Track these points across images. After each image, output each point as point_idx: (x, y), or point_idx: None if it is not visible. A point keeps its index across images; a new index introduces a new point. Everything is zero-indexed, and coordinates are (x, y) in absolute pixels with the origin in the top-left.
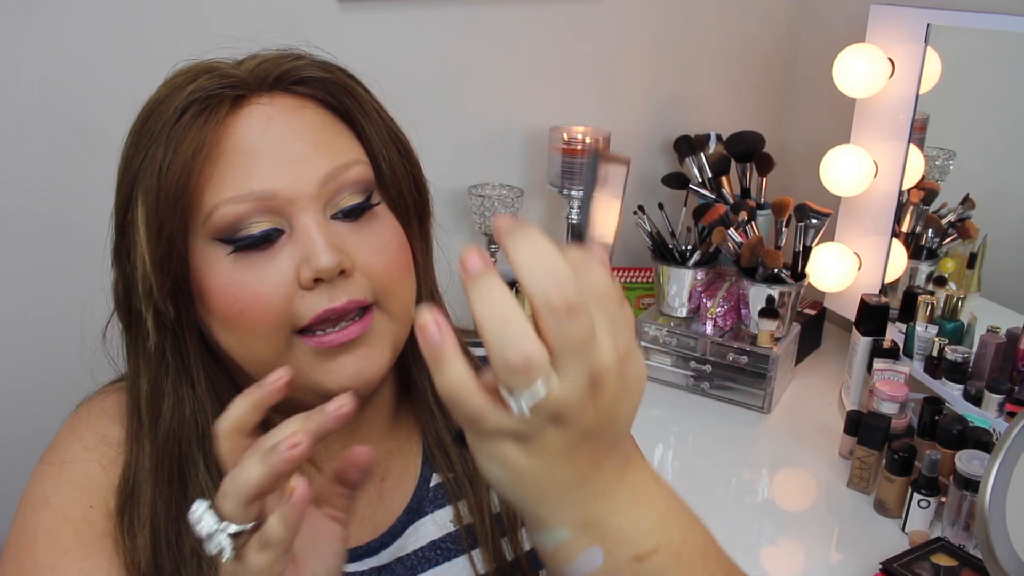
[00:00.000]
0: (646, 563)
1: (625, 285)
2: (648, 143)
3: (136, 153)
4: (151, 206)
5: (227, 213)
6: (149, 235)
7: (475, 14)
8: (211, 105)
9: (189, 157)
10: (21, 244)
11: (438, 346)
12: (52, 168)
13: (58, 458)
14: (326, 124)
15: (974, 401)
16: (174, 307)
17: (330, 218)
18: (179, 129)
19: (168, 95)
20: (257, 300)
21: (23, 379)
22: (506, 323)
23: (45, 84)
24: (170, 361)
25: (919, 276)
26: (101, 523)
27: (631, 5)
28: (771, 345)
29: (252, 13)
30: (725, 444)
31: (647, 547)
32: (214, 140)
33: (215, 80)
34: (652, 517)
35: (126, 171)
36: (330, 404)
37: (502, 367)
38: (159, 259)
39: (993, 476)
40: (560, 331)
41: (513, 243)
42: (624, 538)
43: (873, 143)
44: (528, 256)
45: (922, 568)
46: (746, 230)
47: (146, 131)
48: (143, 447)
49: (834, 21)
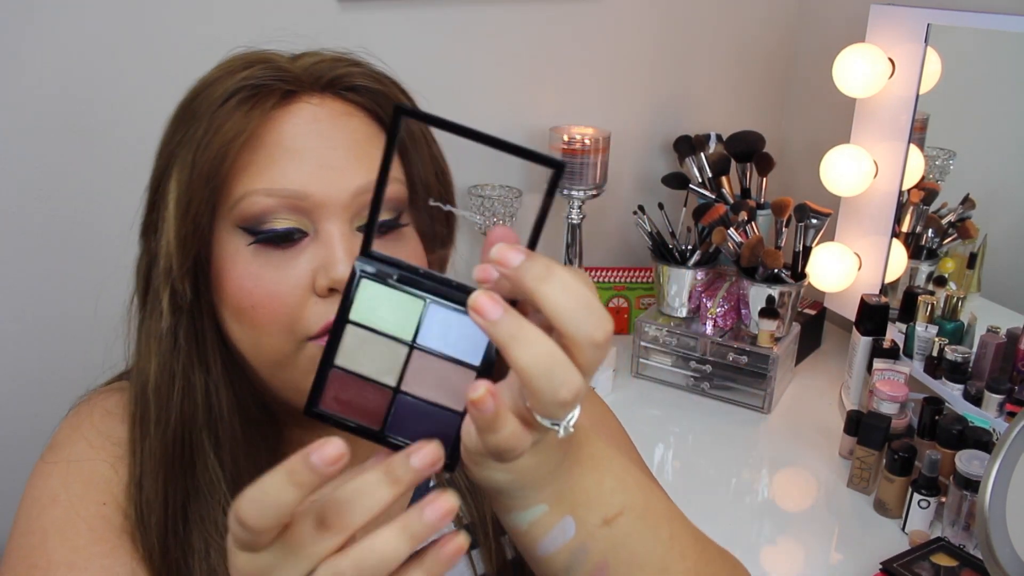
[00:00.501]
0: (614, 527)
1: (625, 285)
2: (648, 143)
3: (178, 129)
4: (183, 182)
5: (255, 203)
6: (177, 211)
7: (475, 14)
8: (260, 95)
9: (228, 140)
10: (21, 244)
11: (494, 414)
12: (53, 168)
13: (63, 456)
14: (370, 136)
15: (974, 401)
16: (192, 290)
17: (356, 229)
18: (224, 112)
19: (219, 77)
20: (270, 297)
21: (23, 379)
22: (553, 365)
23: (47, 84)
24: (183, 346)
25: (919, 276)
26: (117, 519)
27: (631, 5)
28: (771, 345)
29: (252, 13)
30: (725, 444)
31: (613, 509)
32: (256, 130)
33: (269, 71)
34: (612, 480)
35: (165, 146)
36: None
37: (552, 405)
38: (183, 236)
39: (993, 476)
40: (596, 360)
41: (541, 283)
42: (591, 502)
43: (873, 143)
44: (564, 296)
45: (922, 568)
46: (746, 230)
47: (192, 109)
48: (149, 434)
49: (834, 21)
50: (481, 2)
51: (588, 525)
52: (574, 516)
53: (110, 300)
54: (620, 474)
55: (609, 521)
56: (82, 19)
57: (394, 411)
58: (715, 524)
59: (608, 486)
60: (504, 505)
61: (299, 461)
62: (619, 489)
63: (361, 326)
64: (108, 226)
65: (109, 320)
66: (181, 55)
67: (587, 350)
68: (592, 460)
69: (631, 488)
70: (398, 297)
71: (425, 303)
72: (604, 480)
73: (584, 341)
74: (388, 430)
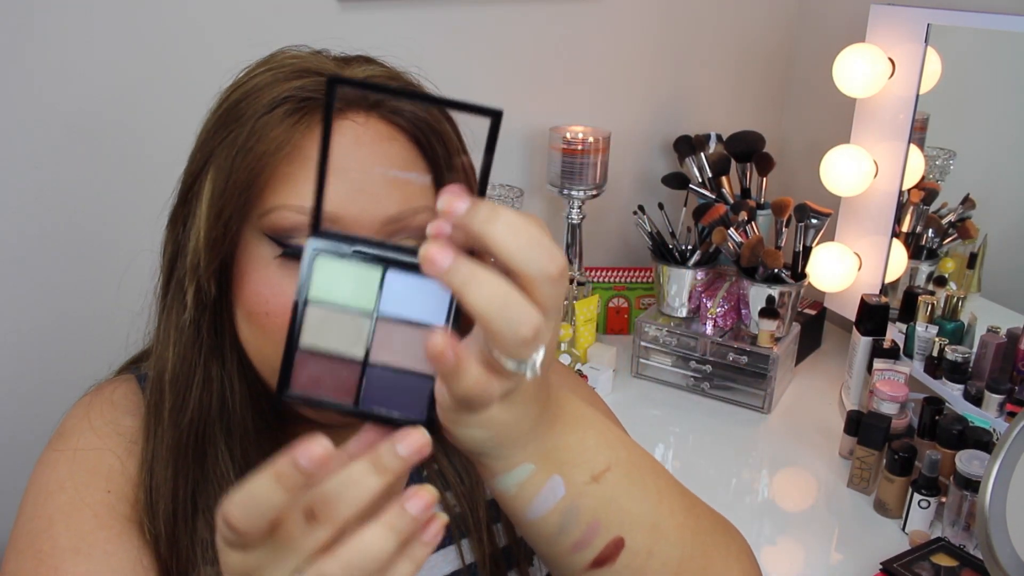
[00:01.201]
0: (603, 483)
1: (625, 285)
2: (648, 143)
3: (220, 128)
4: (219, 187)
5: (286, 218)
6: (210, 214)
7: (475, 14)
8: (307, 108)
9: (271, 151)
10: (22, 245)
11: (456, 361)
12: (53, 169)
13: (70, 445)
14: (408, 162)
15: (974, 401)
16: (216, 287)
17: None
18: (269, 121)
19: (268, 84)
20: (285, 309)
21: (23, 380)
22: (509, 303)
23: (47, 87)
24: (205, 339)
25: (919, 276)
26: (122, 508)
27: (631, 5)
28: (771, 345)
29: (252, 14)
30: (725, 444)
31: (600, 466)
32: (299, 143)
33: (319, 85)
34: (595, 436)
35: (205, 143)
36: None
37: (513, 343)
38: (213, 239)
39: (993, 476)
40: (554, 295)
41: (487, 224)
42: (576, 459)
43: (873, 143)
44: (511, 234)
45: (922, 568)
46: (746, 230)
47: (236, 111)
48: (162, 422)
49: (834, 21)
50: (481, 2)
51: (577, 483)
52: (561, 475)
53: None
54: (602, 430)
55: (597, 477)
56: (86, 22)
57: (366, 383)
58: None
59: (591, 442)
60: (490, 468)
61: (286, 463)
62: (603, 445)
63: (322, 303)
64: (110, 229)
65: (108, 320)
66: (182, 55)
67: (542, 285)
68: (573, 418)
69: (615, 444)
70: (355, 269)
71: (383, 270)
72: (587, 437)
73: (537, 275)
74: (363, 403)
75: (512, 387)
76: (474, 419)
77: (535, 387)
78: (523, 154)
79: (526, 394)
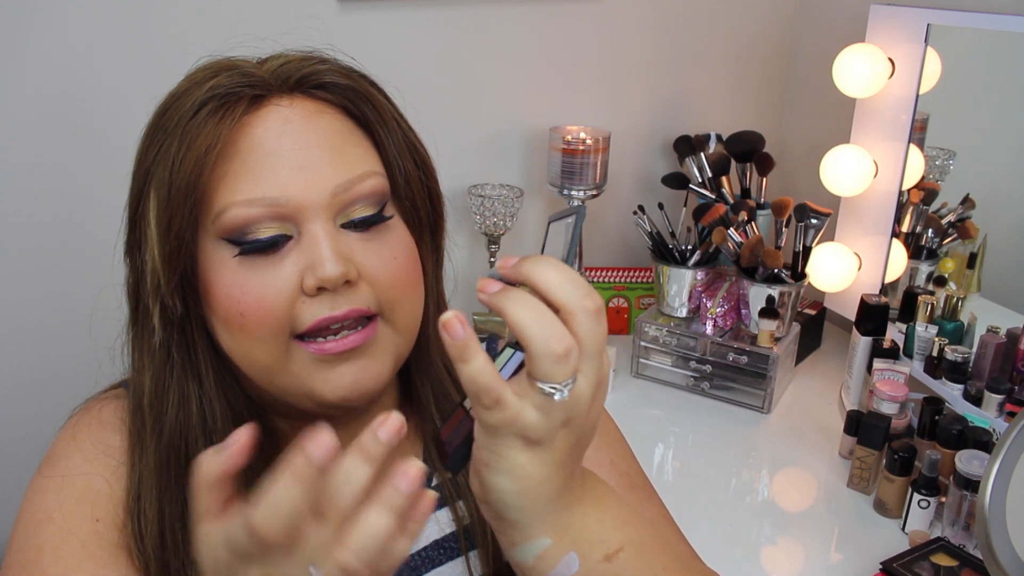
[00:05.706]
0: (615, 562)
1: (625, 285)
2: (648, 143)
3: (151, 146)
4: (162, 200)
5: (237, 216)
6: (159, 229)
7: (475, 14)
8: (229, 103)
9: (203, 153)
10: (21, 245)
11: (464, 339)
12: (53, 169)
13: (59, 471)
14: (344, 132)
15: (974, 401)
16: (182, 303)
17: (340, 226)
18: (195, 125)
19: (187, 90)
20: (258, 304)
21: (23, 380)
22: (546, 320)
23: (46, 86)
24: (176, 358)
25: (919, 276)
26: (111, 535)
27: (631, 5)
28: (771, 345)
29: (253, 14)
30: (725, 444)
31: (614, 546)
32: (229, 138)
33: (235, 78)
34: (611, 518)
35: (140, 164)
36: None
37: (547, 358)
38: (168, 254)
39: (993, 476)
40: (591, 331)
41: (534, 266)
42: (595, 539)
43: (873, 143)
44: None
45: (922, 568)
46: (746, 230)
47: (162, 125)
48: (147, 446)
49: (834, 21)
50: (481, 2)
51: (591, 561)
52: (577, 552)
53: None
54: (620, 511)
55: (610, 557)
56: (85, 19)
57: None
58: (715, 524)
59: (609, 523)
60: (510, 538)
61: (301, 460)
62: (619, 526)
63: None
64: (107, 228)
65: (108, 321)
66: (182, 56)
67: (580, 316)
68: (595, 498)
69: (630, 523)
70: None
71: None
72: (605, 518)
73: (576, 308)
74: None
75: (540, 433)
76: (504, 461)
77: (566, 450)
78: (523, 154)
79: (557, 453)
